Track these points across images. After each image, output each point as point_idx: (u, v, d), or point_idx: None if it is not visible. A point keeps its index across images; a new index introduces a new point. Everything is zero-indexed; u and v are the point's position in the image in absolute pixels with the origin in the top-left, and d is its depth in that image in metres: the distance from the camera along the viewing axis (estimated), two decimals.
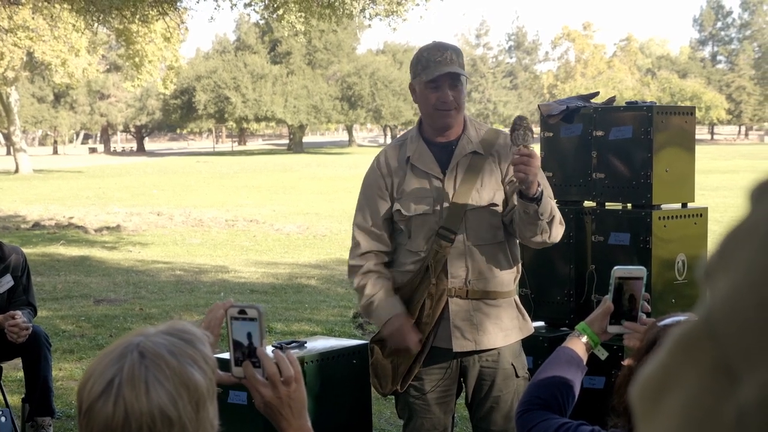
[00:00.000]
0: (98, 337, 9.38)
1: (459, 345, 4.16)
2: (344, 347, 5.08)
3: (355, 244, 4.33)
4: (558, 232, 4.02)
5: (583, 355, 2.75)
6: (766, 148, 67.91)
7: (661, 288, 4.83)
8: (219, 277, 13.59)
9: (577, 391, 2.70)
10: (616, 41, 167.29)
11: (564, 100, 5.45)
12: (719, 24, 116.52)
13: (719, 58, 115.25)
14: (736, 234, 0.58)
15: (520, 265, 4.30)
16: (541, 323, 5.30)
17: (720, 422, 0.55)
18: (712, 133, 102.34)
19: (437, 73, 4.08)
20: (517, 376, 4.24)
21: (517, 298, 4.31)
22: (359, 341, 5.48)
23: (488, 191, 4.15)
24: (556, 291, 5.23)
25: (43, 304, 10.00)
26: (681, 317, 2.33)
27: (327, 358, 4.88)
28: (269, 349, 2.18)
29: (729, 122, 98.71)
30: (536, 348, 5.02)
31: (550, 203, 3.93)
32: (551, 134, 5.35)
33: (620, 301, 2.75)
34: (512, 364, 4.22)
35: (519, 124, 3.69)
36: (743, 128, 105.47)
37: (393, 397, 6.64)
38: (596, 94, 5.70)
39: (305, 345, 5.04)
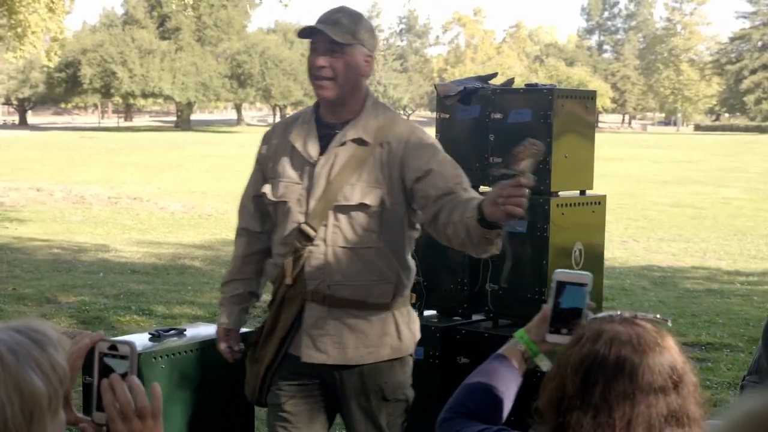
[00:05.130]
0: None
1: (308, 355, 3.68)
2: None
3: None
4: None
5: (519, 363, 2.45)
6: (649, 137, 69.36)
7: None
8: (99, 257, 13.12)
9: (510, 402, 2.41)
10: (505, 27, 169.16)
11: (462, 81, 5.25)
12: (606, 14, 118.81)
13: (605, 47, 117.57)
14: None
15: (408, 274, 3.73)
16: (432, 312, 5.10)
17: None
18: (597, 121, 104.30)
19: (305, 27, 3.55)
20: (386, 399, 3.72)
21: (398, 313, 3.72)
22: (243, 328, 5.21)
23: (361, 189, 3.59)
24: (449, 279, 5.04)
25: None
26: (611, 313, 2.07)
27: (208, 346, 4.60)
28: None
29: (614, 111, 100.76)
30: (428, 338, 4.83)
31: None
32: (447, 116, 5.14)
33: (560, 308, 2.43)
34: (380, 386, 3.70)
35: (534, 153, 2.99)
36: (627, 117, 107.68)
37: None
38: (494, 75, 5.52)
39: (185, 333, 4.76)
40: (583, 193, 4.91)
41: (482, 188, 5.08)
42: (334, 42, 3.52)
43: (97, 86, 71.55)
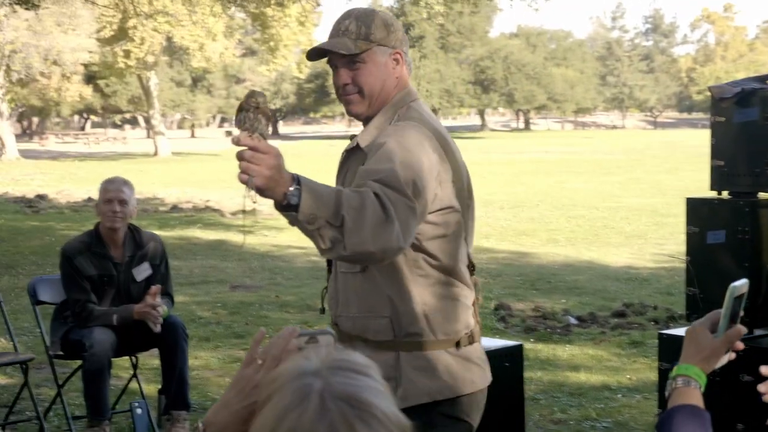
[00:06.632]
0: (234, 324, 9.23)
1: None
2: (496, 348, 4.74)
3: None
4: (364, 238, 2.63)
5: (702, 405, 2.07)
6: None
7: None
8: None
9: None
10: (758, 23, 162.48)
11: (737, 82, 5.00)
12: None
13: None
14: None
15: (413, 307, 3.02)
16: None
17: None
18: None
19: (312, 49, 3.17)
20: None
21: (407, 355, 3.03)
22: (511, 342, 5.15)
23: None
24: (725, 290, 4.77)
25: (180, 289, 9.94)
26: None
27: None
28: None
29: None
30: None
31: (331, 203, 2.63)
32: (723, 119, 4.90)
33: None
34: None
35: (247, 104, 2.52)
36: None
37: (539, 399, 6.30)
38: None
39: None
40: None
41: (761, 195, 4.82)
42: (349, 55, 3.09)
43: None
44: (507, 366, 4.69)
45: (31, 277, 6.59)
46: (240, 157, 2.50)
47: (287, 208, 2.58)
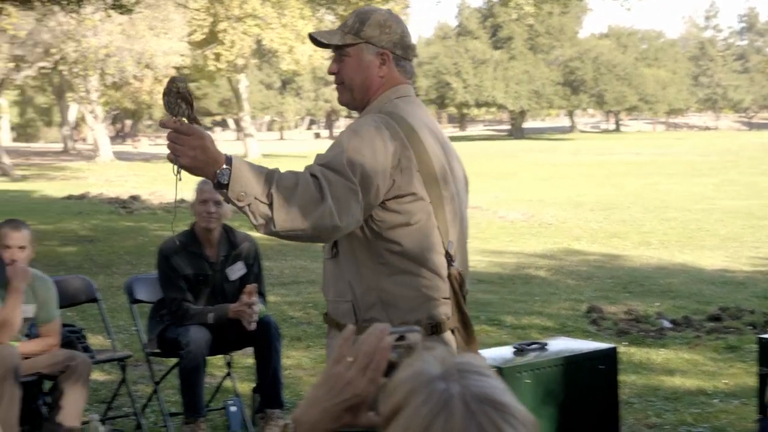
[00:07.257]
0: (325, 324, 9.26)
1: None
2: (590, 351, 4.71)
3: None
4: (293, 216, 2.74)
5: None
6: None
7: None
8: None
9: None
10: None
11: None
12: None
13: None
14: None
15: (372, 294, 3.06)
16: None
17: None
18: None
19: (309, 35, 3.32)
20: None
21: None
22: (605, 345, 5.10)
23: None
24: None
25: (271, 290, 10.00)
26: None
27: (571, 362, 4.52)
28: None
29: None
30: None
31: (262, 181, 2.74)
32: None
33: None
34: None
35: (168, 89, 2.70)
36: None
37: (633, 403, 6.22)
38: None
39: (546, 347, 4.70)
40: None
41: None
42: (338, 47, 3.22)
43: (432, 97, 73.48)
44: (601, 369, 4.65)
45: (126, 277, 6.70)
46: (168, 138, 2.70)
47: (218, 186, 2.73)
